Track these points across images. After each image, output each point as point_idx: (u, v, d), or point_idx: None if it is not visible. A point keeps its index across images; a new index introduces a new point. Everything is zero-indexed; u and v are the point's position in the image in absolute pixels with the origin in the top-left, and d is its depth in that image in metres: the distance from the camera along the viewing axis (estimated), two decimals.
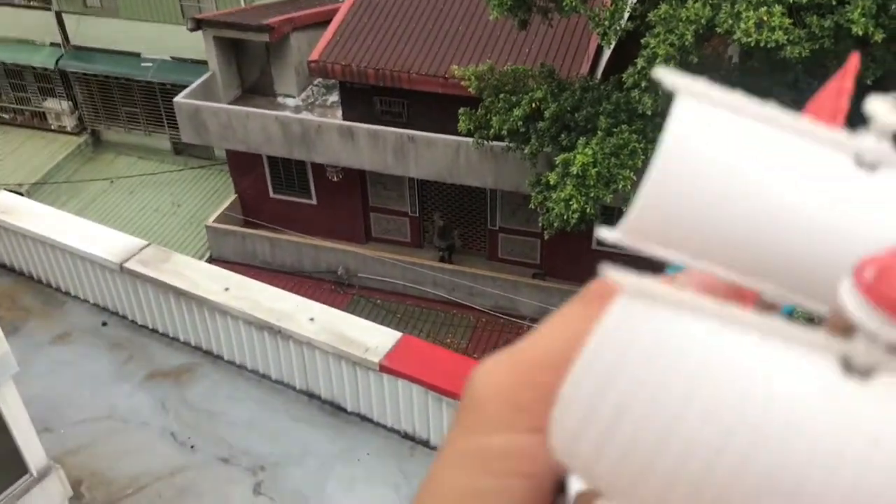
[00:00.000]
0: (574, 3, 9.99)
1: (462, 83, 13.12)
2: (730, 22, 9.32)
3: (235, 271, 6.87)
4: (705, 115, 0.38)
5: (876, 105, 0.36)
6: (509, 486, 0.43)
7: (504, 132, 12.53)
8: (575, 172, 10.92)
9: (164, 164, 22.41)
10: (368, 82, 16.38)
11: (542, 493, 0.43)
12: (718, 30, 9.62)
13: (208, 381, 6.50)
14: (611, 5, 10.67)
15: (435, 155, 16.14)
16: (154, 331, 6.89)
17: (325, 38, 16.71)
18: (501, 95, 12.57)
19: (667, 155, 0.39)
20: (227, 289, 6.12)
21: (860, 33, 9.00)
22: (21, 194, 12.06)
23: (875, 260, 0.31)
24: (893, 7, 9.18)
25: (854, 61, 0.43)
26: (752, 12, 9.10)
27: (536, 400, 0.43)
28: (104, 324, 7.03)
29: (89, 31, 22.14)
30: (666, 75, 0.38)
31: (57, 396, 6.50)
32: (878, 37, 9.06)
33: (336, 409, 6.08)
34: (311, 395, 6.17)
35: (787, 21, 9.09)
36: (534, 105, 12.23)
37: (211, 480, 5.88)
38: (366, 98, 16.90)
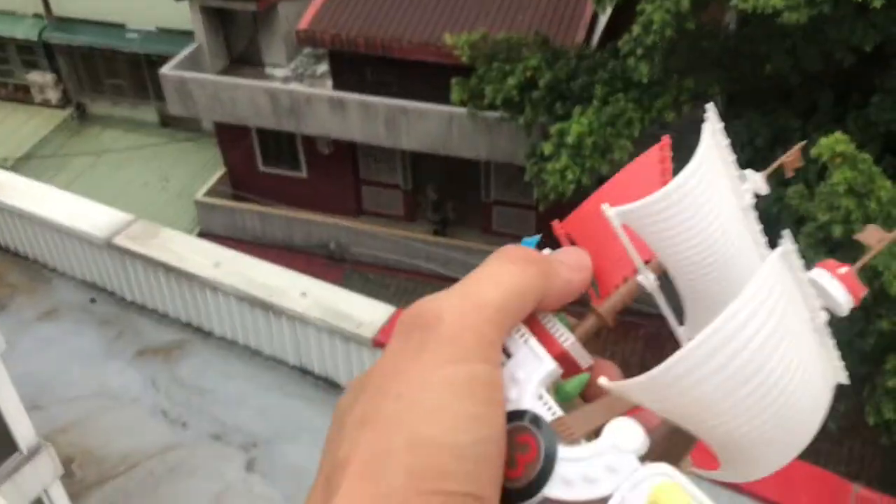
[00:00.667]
0: None
1: (455, 52, 12.91)
2: None
3: (225, 246, 6.72)
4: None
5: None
6: (495, 413, 0.51)
7: (498, 102, 12.35)
8: (571, 142, 10.77)
9: (152, 137, 22.11)
10: (359, 51, 16.12)
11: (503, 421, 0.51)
12: None
13: (199, 357, 6.39)
14: None
15: (427, 126, 15.94)
16: (143, 307, 6.76)
17: (313, 6, 16.42)
18: (495, 64, 12.37)
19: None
20: (217, 264, 5.98)
21: None
22: (6, 169, 11.85)
23: (834, 265, 0.53)
24: None
25: (666, 141, 0.63)
26: None
27: (500, 338, 0.54)
28: (92, 300, 6.90)
29: (72, 1, 21.72)
30: None
31: (45, 374, 6.38)
32: (878, 2, 8.92)
33: (329, 384, 5.98)
34: (304, 371, 6.07)
35: None
36: (528, 74, 12.04)
37: (203, 458, 5.79)
38: (356, 68, 16.65)
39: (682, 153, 0.62)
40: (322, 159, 18.25)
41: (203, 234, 18.20)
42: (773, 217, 10.81)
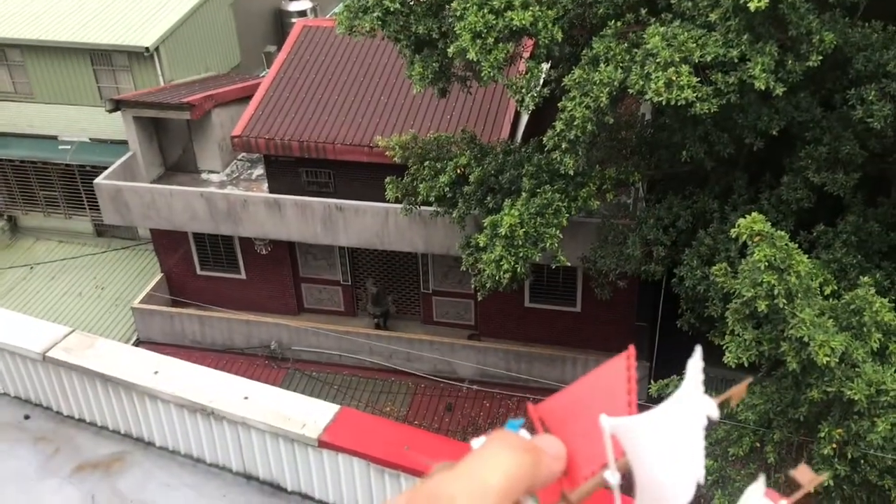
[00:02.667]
0: (492, 73, 10.29)
1: (387, 153, 13.28)
2: (641, 83, 9.72)
3: (164, 353, 6.69)
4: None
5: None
6: None
7: (431, 198, 12.68)
8: (503, 233, 11.10)
9: (86, 246, 21.87)
10: (293, 154, 16.44)
11: None
12: (631, 90, 10.02)
13: (140, 469, 6.27)
14: (526, 73, 11.02)
15: (364, 223, 16.20)
16: (81, 420, 6.63)
17: (247, 112, 16.76)
18: (427, 163, 12.76)
19: None
20: (156, 372, 5.96)
21: (762, 87, 9.49)
22: None
23: (777, 497, 0.68)
24: (790, 62, 9.73)
25: (632, 351, 0.72)
26: (661, 73, 9.53)
27: None
28: (27, 417, 6.74)
29: (3, 115, 21.70)
30: None
31: None
32: (779, 90, 9.56)
33: (275, 489, 5.92)
34: (249, 477, 6.00)
35: (695, 79, 9.53)
36: (459, 170, 12.44)
37: None
38: (291, 170, 16.93)
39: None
40: (260, 260, 18.28)
41: (141, 342, 17.87)
42: (701, 295, 11.22)
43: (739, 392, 0.75)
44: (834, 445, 8.90)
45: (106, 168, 18.05)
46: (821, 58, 9.63)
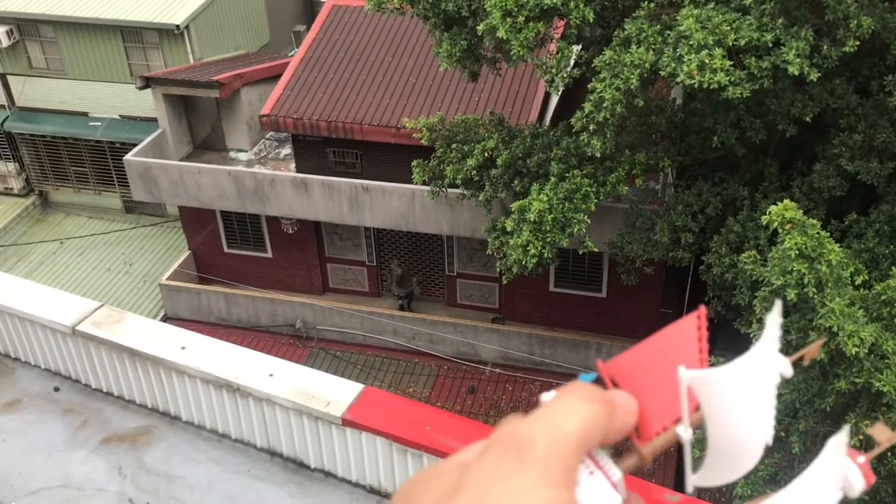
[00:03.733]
0: (521, 53, 10.20)
1: (414, 135, 13.25)
2: (673, 65, 9.59)
3: (191, 329, 6.75)
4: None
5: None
6: None
7: (458, 181, 12.64)
8: (532, 219, 11.04)
9: (115, 223, 22.10)
10: (321, 134, 16.45)
11: None
12: (662, 73, 9.88)
13: (166, 443, 6.35)
14: (556, 54, 10.91)
15: (390, 204, 16.20)
16: (109, 394, 6.72)
17: (276, 91, 16.78)
18: (454, 146, 12.70)
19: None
20: (183, 348, 6.01)
21: (796, 73, 9.32)
22: None
23: (854, 454, 0.66)
24: (825, 48, 9.54)
25: (703, 310, 0.72)
26: (693, 56, 9.38)
27: (577, 466, 0.64)
28: (56, 389, 6.84)
29: (35, 92, 21.92)
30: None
31: (7, 467, 6.28)
32: (813, 76, 9.39)
33: (299, 465, 5.96)
34: (273, 453, 6.05)
35: (728, 63, 9.38)
36: (486, 154, 12.38)
37: None
38: (319, 150, 16.95)
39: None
40: (287, 239, 18.37)
41: (168, 318, 18.07)
42: (729, 283, 11.10)
43: (813, 351, 0.74)
44: (861, 437, 8.80)
45: (135, 145, 18.20)
46: (857, 43, 9.43)
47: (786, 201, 9.12)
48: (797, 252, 8.72)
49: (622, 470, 0.68)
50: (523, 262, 11.27)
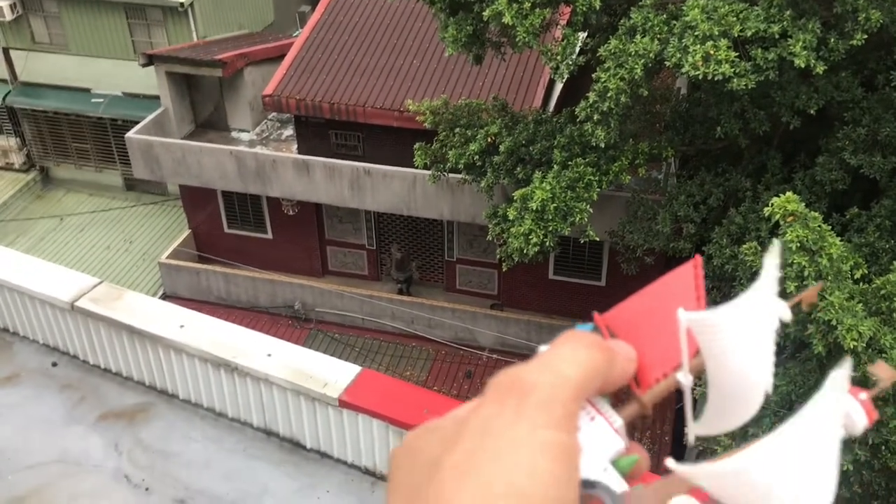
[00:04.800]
0: (527, 38, 10.15)
1: (417, 118, 13.20)
2: (678, 56, 9.54)
3: (190, 308, 6.75)
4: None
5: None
6: (575, 477, 0.60)
7: (460, 166, 12.61)
8: (534, 207, 11.02)
9: (116, 200, 22.08)
10: (323, 116, 16.40)
11: None
12: (667, 63, 9.84)
13: (163, 420, 6.36)
14: (562, 41, 10.86)
15: (391, 187, 16.17)
16: (106, 370, 6.73)
17: (279, 72, 16.72)
18: (457, 130, 12.67)
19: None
20: (181, 326, 6.01)
21: (802, 65, 9.28)
22: None
23: (856, 391, 0.64)
24: (832, 41, 9.50)
25: (698, 260, 0.71)
26: (698, 46, 9.34)
27: (578, 411, 0.63)
28: (54, 364, 6.85)
29: (38, 66, 21.84)
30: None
31: (4, 441, 6.29)
32: (820, 69, 9.35)
33: (295, 445, 5.98)
34: (269, 433, 6.07)
35: (733, 54, 9.34)
36: (489, 139, 12.35)
37: None
38: (321, 132, 16.91)
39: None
40: (287, 220, 18.36)
41: (167, 296, 18.08)
42: (729, 274, 11.10)
43: (811, 296, 0.72)
44: None
45: (138, 122, 18.14)
46: (865, 37, 9.38)
47: (788, 194, 9.11)
48: (798, 245, 8.72)
49: (623, 417, 0.68)
50: (524, 251, 11.27)
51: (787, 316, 0.66)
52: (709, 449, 10.07)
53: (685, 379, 0.67)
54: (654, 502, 0.64)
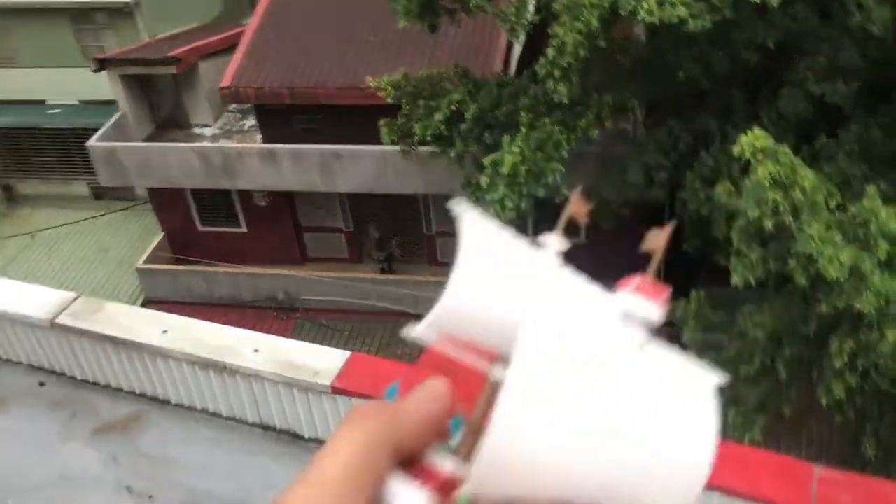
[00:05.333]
0: (480, 3, 10.04)
1: (379, 93, 13.08)
2: (632, 3, 9.48)
3: (172, 311, 6.69)
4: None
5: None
6: None
7: (428, 138, 12.53)
8: (506, 172, 10.98)
9: (85, 211, 21.79)
10: (284, 102, 16.21)
11: None
12: (622, 12, 9.78)
13: (158, 427, 6.32)
14: (515, 1, 10.76)
15: (362, 168, 16.06)
16: (95, 384, 6.67)
17: (233, 62, 16.48)
18: (421, 102, 12.57)
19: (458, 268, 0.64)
20: (164, 331, 5.96)
21: (758, 1, 9.25)
22: None
23: (628, 282, 0.58)
24: None
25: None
26: None
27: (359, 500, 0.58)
28: (41, 384, 6.78)
29: None
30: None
31: (3, 467, 6.24)
32: (775, 2, 9.32)
33: (293, 437, 5.97)
34: (266, 427, 6.05)
35: None
36: (453, 107, 12.26)
37: None
38: (284, 118, 16.72)
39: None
40: (260, 212, 18.21)
41: (148, 302, 17.94)
42: (705, 218, 11.16)
43: (579, 206, 0.69)
44: (845, 358, 8.94)
45: (97, 129, 17.86)
46: None
47: (756, 130, 9.13)
48: (771, 180, 8.75)
49: (463, 455, 0.60)
50: (501, 218, 11.24)
51: (563, 245, 0.64)
52: None
53: (500, 374, 0.60)
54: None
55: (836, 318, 9.25)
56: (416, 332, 0.62)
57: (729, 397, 10.11)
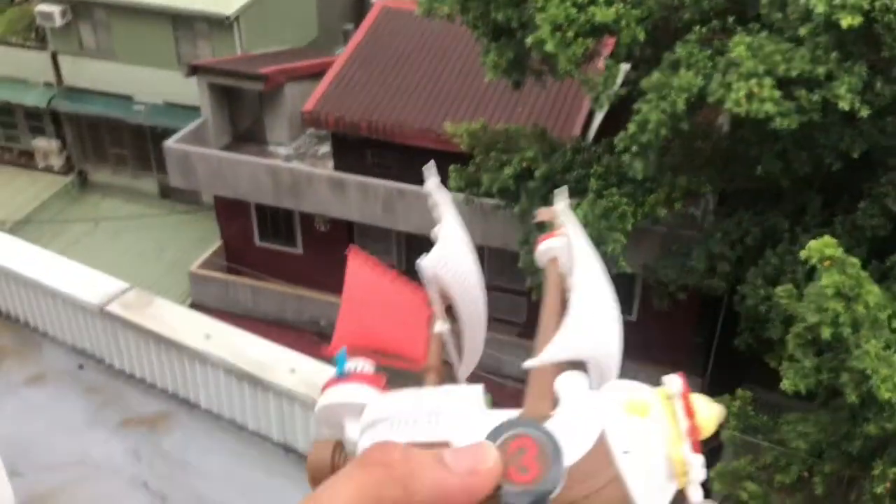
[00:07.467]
0: (569, 68, 10.12)
1: (454, 140, 13.20)
2: (721, 92, 9.45)
3: (217, 318, 6.75)
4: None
5: None
6: None
7: (494, 190, 12.57)
8: None
9: (151, 207, 22.32)
10: (361, 134, 16.47)
11: None
12: (710, 99, 9.75)
13: (184, 430, 6.33)
14: (604, 71, 10.81)
15: (424, 209, 16.03)
16: (131, 376, 6.73)
17: (319, 88, 16.84)
18: (493, 154, 12.65)
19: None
20: (208, 336, 6.00)
21: (846, 108, 9.14)
22: (3, 231, 11.93)
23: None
24: (879, 85, 9.35)
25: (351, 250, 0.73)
26: (742, 83, 9.24)
27: None
28: (80, 367, 6.87)
29: (83, 72, 22.23)
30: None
31: (28, 440, 6.30)
32: (864, 112, 9.21)
33: None
34: (288, 449, 6.01)
35: (777, 93, 9.23)
36: (525, 164, 12.30)
37: None
38: (357, 150, 16.97)
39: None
40: (318, 236, 18.40)
41: (195, 306, 18.17)
42: (762, 316, 10.91)
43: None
44: (888, 485, 8.57)
45: (176, 131, 18.35)
46: None
47: (826, 237, 8.93)
48: (835, 290, 8.53)
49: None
50: None
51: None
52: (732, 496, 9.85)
53: (444, 328, 0.67)
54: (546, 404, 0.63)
55: (883, 441, 8.90)
56: (426, 261, 0.65)
57: None
